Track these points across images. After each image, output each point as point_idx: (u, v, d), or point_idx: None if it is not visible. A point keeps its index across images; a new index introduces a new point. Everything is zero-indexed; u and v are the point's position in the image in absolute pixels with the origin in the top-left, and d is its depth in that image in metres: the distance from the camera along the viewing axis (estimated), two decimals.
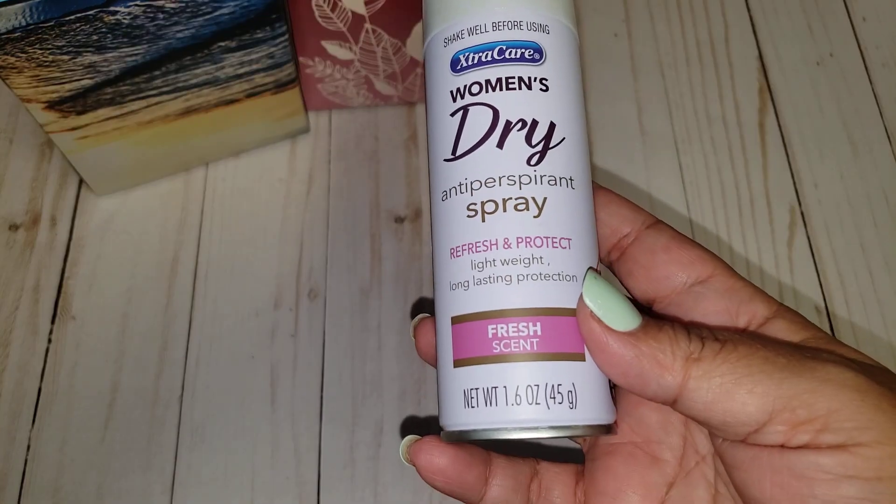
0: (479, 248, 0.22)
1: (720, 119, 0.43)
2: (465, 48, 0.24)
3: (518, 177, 0.23)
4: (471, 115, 0.23)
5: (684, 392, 0.20)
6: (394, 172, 0.41)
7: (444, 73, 0.24)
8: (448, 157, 0.23)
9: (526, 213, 0.22)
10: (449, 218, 0.23)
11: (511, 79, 0.23)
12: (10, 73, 0.31)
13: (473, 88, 0.23)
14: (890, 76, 0.44)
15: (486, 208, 0.22)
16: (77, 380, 0.36)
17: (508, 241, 0.22)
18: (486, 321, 0.22)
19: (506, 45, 0.23)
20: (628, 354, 0.21)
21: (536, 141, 0.23)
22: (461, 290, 0.22)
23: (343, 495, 0.35)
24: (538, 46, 0.24)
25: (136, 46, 0.32)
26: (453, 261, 0.23)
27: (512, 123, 0.23)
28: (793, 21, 0.46)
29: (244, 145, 0.41)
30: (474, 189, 0.23)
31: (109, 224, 0.40)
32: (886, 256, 0.40)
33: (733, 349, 0.20)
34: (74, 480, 0.35)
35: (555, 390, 0.21)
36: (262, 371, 0.37)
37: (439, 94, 0.24)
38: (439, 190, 0.24)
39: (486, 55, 0.23)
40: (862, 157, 0.42)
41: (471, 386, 0.22)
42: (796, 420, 0.19)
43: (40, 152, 0.42)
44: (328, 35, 0.37)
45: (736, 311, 0.23)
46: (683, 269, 0.24)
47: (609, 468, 0.24)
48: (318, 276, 0.39)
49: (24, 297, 0.38)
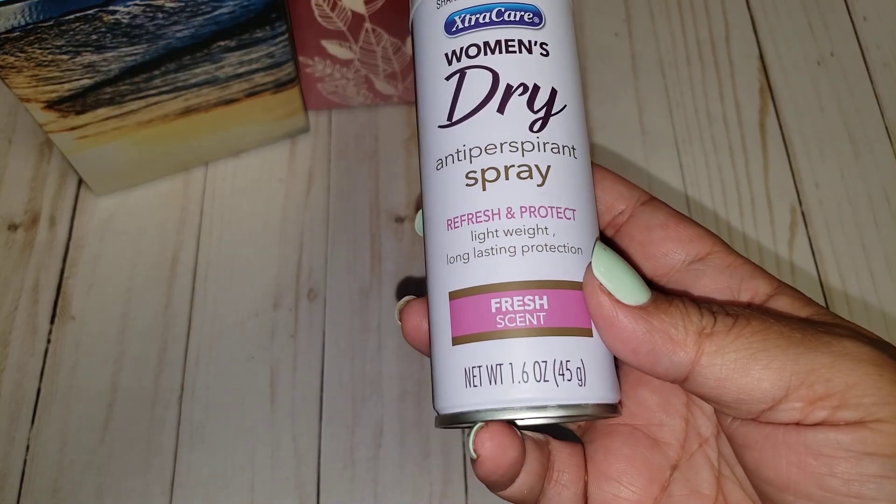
0: (479, 218, 0.21)
1: (721, 118, 0.43)
2: (460, 9, 0.22)
3: (521, 143, 0.21)
4: (468, 78, 0.22)
5: (696, 369, 0.19)
6: (394, 172, 0.41)
7: (438, 36, 0.23)
8: (443, 122, 0.22)
9: (529, 181, 0.21)
10: (445, 187, 0.22)
11: (511, 41, 0.22)
12: (10, 73, 0.31)
13: (471, 51, 0.22)
14: (891, 76, 0.44)
15: (486, 176, 0.21)
16: (76, 380, 0.36)
17: (511, 210, 0.21)
18: (488, 295, 0.21)
19: (504, 7, 0.22)
20: (639, 330, 0.20)
21: (538, 107, 0.22)
22: (460, 264, 0.21)
23: (343, 496, 0.35)
24: (537, 10, 0.23)
25: (136, 46, 0.32)
26: (451, 232, 0.21)
27: (513, 88, 0.22)
28: (793, 20, 0.46)
29: (244, 145, 0.41)
30: (473, 156, 0.22)
31: (109, 224, 0.40)
32: (887, 256, 0.40)
33: (746, 324, 0.19)
34: (74, 481, 0.35)
35: (563, 367, 0.20)
36: (262, 371, 0.37)
37: (432, 57, 0.23)
38: (433, 158, 0.22)
39: (483, 17, 0.22)
40: (863, 157, 0.42)
41: (472, 364, 0.20)
42: (813, 396, 0.18)
43: (39, 152, 0.42)
44: (328, 34, 0.37)
45: (738, 287, 0.23)
46: (682, 246, 0.23)
47: (610, 449, 0.23)
48: (317, 276, 0.39)
49: (24, 297, 0.38)
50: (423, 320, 0.24)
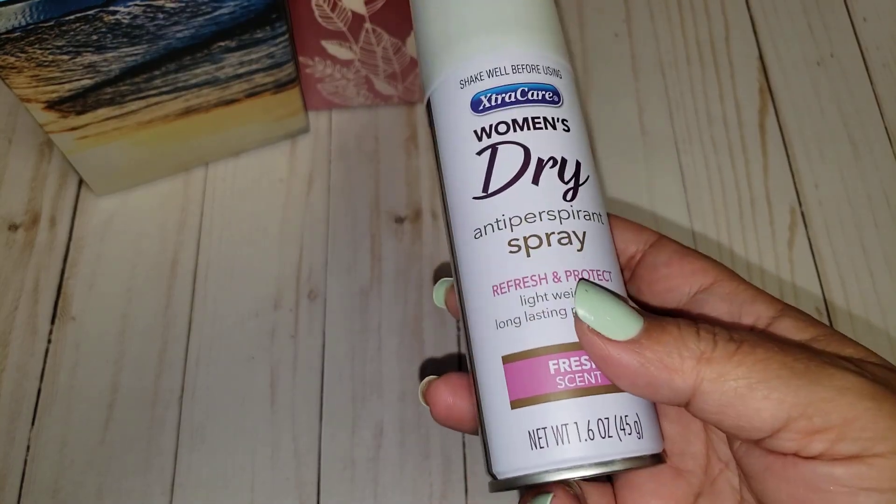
0: (527, 283, 0.22)
1: (720, 119, 0.43)
2: (486, 89, 0.24)
3: (557, 212, 0.23)
4: (501, 152, 0.23)
5: (697, 394, 0.20)
6: (394, 172, 0.41)
7: (464, 113, 0.24)
8: (478, 194, 0.23)
9: (570, 246, 0.22)
10: (488, 255, 0.23)
11: (537, 118, 0.23)
12: (10, 73, 0.31)
13: (500, 127, 0.23)
14: (890, 76, 0.44)
15: (529, 243, 0.22)
16: (77, 380, 0.36)
17: (557, 274, 0.22)
18: (545, 357, 0.21)
19: (527, 87, 0.24)
20: (633, 363, 0.20)
21: (568, 178, 0.23)
22: (512, 328, 0.22)
23: (343, 496, 0.35)
24: (556, 89, 0.24)
25: (136, 46, 0.32)
26: (498, 298, 0.22)
27: (544, 161, 0.23)
28: (793, 21, 0.46)
29: (244, 145, 0.41)
30: (514, 225, 0.23)
31: (109, 224, 0.40)
32: (887, 257, 0.40)
33: (750, 351, 0.19)
34: (74, 481, 0.35)
35: (623, 422, 0.21)
36: (262, 372, 0.37)
37: (460, 134, 0.24)
38: (470, 228, 0.23)
39: (509, 96, 0.24)
40: (863, 158, 0.42)
41: (536, 426, 0.21)
42: (812, 428, 0.19)
43: (40, 152, 0.42)
44: (328, 35, 0.37)
45: (739, 313, 0.23)
46: (686, 280, 0.24)
47: (635, 486, 0.24)
48: (317, 276, 0.39)
49: (24, 297, 0.38)
50: (451, 397, 0.24)
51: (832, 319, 0.38)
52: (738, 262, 0.39)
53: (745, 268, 0.39)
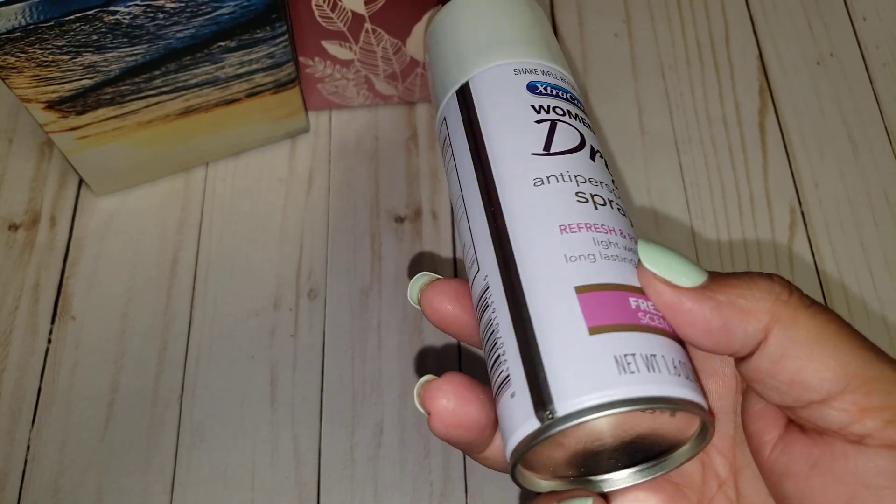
0: (599, 229, 0.22)
1: (720, 119, 0.43)
2: (541, 81, 0.26)
3: (612, 189, 0.24)
4: (560, 127, 0.24)
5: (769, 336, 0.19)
6: (394, 172, 0.41)
7: (521, 92, 0.25)
8: (539, 151, 0.24)
9: (625, 218, 0.23)
10: (553, 198, 0.23)
11: (584, 119, 0.26)
12: (10, 73, 0.31)
13: (558, 110, 0.25)
14: (890, 76, 0.44)
15: (596, 200, 0.23)
16: (77, 380, 0.36)
17: (624, 232, 0.23)
18: (625, 293, 0.21)
19: (573, 95, 0.26)
20: (706, 308, 0.19)
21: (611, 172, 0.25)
22: (586, 262, 0.21)
23: (343, 495, 0.35)
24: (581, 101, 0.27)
25: (136, 46, 0.32)
26: (567, 235, 0.22)
27: (595, 150, 0.25)
28: (793, 20, 0.46)
29: (244, 145, 0.41)
30: (579, 182, 0.23)
31: (109, 224, 0.40)
32: (887, 256, 0.40)
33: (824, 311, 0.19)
34: (74, 480, 0.35)
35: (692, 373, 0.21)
36: (262, 371, 0.37)
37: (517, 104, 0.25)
38: (528, 177, 0.23)
39: (562, 93, 0.26)
40: (862, 157, 0.42)
41: (626, 351, 0.20)
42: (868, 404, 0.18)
43: (40, 152, 0.42)
44: (328, 35, 0.37)
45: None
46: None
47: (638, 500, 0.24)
48: (317, 276, 0.39)
49: (24, 296, 0.38)
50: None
51: None
52: (738, 261, 0.39)
53: (745, 267, 0.39)
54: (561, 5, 0.46)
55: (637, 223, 0.40)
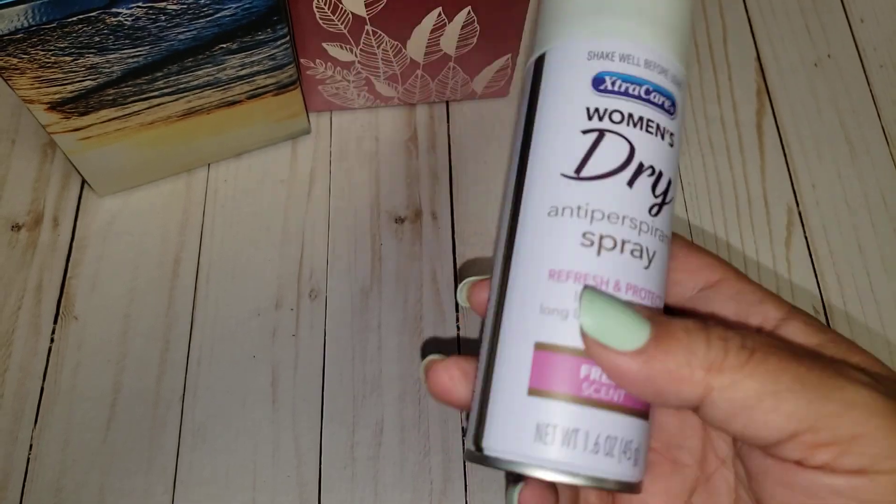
0: (588, 280, 0.21)
1: (718, 120, 0.43)
2: (613, 71, 0.23)
3: (639, 223, 0.22)
4: (607, 140, 0.22)
5: (705, 403, 0.19)
6: (394, 173, 0.41)
7: (583, 86, 0.23)
8: (569, 173, 0.22)
9: (639, 261, 0.22)
10: (557, 237, 0.22)
11: (651, 122, 0.22)
12: (13, 75, 0.31)
13: (615, 116, 0.22)
14: (887, 77, 0.45)
15: (604, 243, 0.21)
16: (79, 380, 0.37)
17: (619, 284, 0.21)
18: (580, 359, 0.21)
19: (653, 88, 0.23)
20: (641, 374, 0.20)
21: (659, 192, 0.22)
22: (557, 317, 0.21)
23: (344, 494, 0.35)
24: (675, 100, 0.23)
25: (139, 48, 0.32)
26: (552, 283, 0.21)
27: (644, 167, 0.22)
28: (791, 22, 0.46)
29: (246, 146, 0.41)
30: (595, 219, 0.21)
31: (111, 225, 0.40)
32: (884, 257, 0.40)
33: (763, 360, 0.19)
34: (76, 480, 0.35)
35: (628, 446, 0.21)
36: (264, 371, 0.37)
37: (570, 104, 0.23)
38: (546, 203, 0.22)
39: (634, 88, 0.22)
40: (860, 158, 0.42)
41: (548, 421, 0.21)
42: (818, 441, 0.18)
43: (43, 153, 0.42)
44: (329, 37, 0.37)
45: (746, 313, 0.23)
46: (691, 275, 0.24)
47: None
48: (318, 276, 0.39)
49: (27, 297, 0.38)
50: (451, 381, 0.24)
51: (829, 319, 0.39)
52: (735, 261, 0.40)
53: (743, 267, 0.40)
54: None
55: None
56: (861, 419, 0.18)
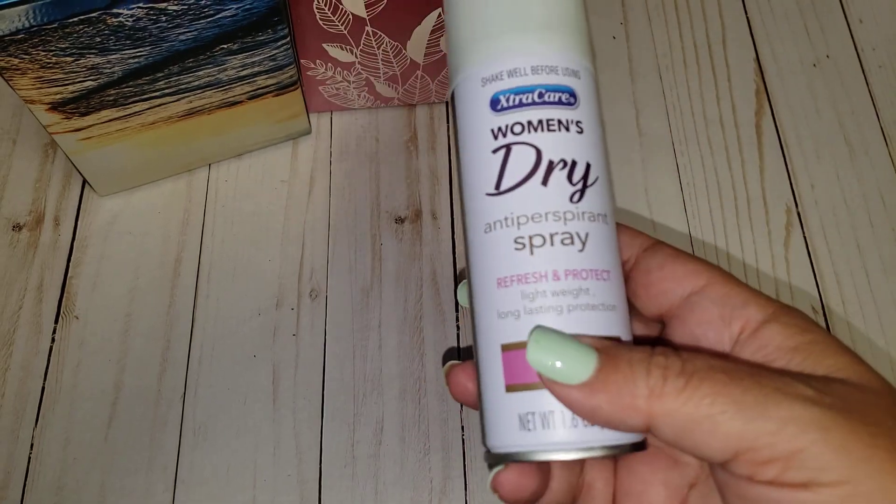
0: (528, 279, 0.23)
1: (717, 120, 0.43)
2: (504, 89, 0.24)
3: (563, 213, 0.24)
4: (514, 153, 0.24)
5: (651, 427, 0.21)
6: (394, 173, 0.41)
7: (483, 112, 0.25)
8: (491, 191, 0.24)
9: (572, 247, 0.23)
10: (495, 250, 0.24)
11: (551, 121, 0.24)
12: (14, 75, 0.32)
13: (516, 128, 0.24)
14: (886, 78, 0.45)
15: (534, 242, 0.23)
16: (80, 379, 0.37)
17: (557, 273, 0.23)
18: None
19: (544, 89, 0.24)
20: (587, 406, 0.21)
21: (576, 180, 0.24)
22: (511, 319, 0.23)
23: (344, 493, 0.35)
24: (573, 91, 0.25)
25: (139, 49, 0.32)
26: (501, 290, 0.24)
27: (554, 163, 0.24)
28: (789, 23, 0.46)
29: (246, 147, 0.41)
30: (521, 223, 0.24)
31: (112, 224, 0.40)
32: (882, 257, 0.40)
33: (697, 386, 0.20)
34: (77, 479, 0.35)
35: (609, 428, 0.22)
36: (264, 370, 0.37)
37: (478, 131, 0.25)
38: (481, 222, 0.24)
39: (526, 97, 0.24)
40: (858, 159, 0.43)
41: (526, 410, 0.23)
42: (759, 459, 0.19)
43: (44, 153, 0.42)
44: (329, 37, 0.37)
45: (730, 316, 0.23)
46: (678, 282, 0.25)
47: (633, 469, 0.25)
48: (319, 276, 0.39)
49: (28, 296, 0.38)
50: (469, 381, 0.26)
51: (828, 319, 0.39)
52: (734, 261, 0.40)
53: (742, 267, 0.40)
54: None
55: (634, 224, 0.41)
56: (797, 434, 0.19)
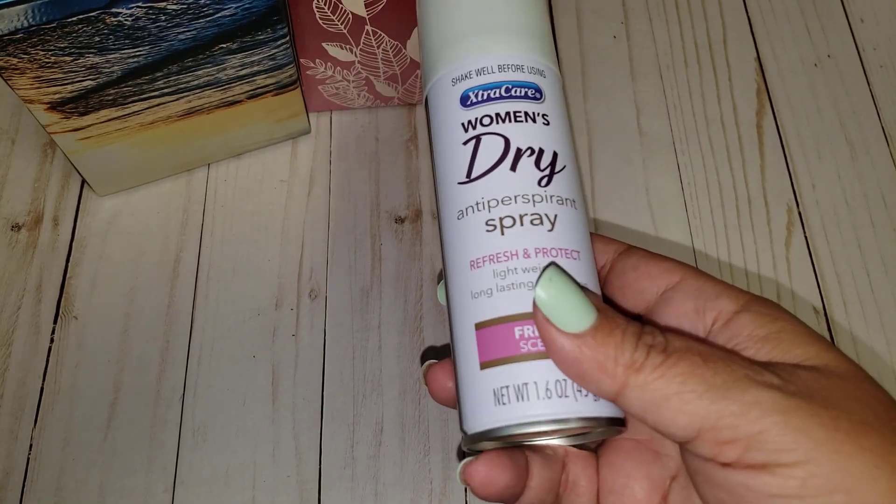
0: (500, 258, 0.24)
1: (718, 120, 0.43)
2: (473, 86, 0.26)
3: (531, 195, 0.25)
4: (483, 142, 0.25)
5: (620, 397, 0.21)
6: (394, 173, 0.41)
7: (454, 108, 0.26)
8: (462, 179, 0.25)
9: (541, 227, 0.24)
10: (468, 233, 0.25)
11: (518, 113, 0.26)
12: (13, 75, 0.31)
13: (485, 120, 0.26)
14: (887, 77, 0.45)
15: (504, 223, 0.24)
16: (79, 379, 0.37)
17: (528, 251, 0.24)
18: (512, 323, 0.23)
19: (511, 85, 0.26)
20: (571, 354, 0.22)
21: (544, 166, 0.25)
22: (484, 298, 0.24)
23: (344, 493, 0.35)
24: (538, 87, 0.26)
25: (138, 48, 0.32)
26: (474, 272, 0.24)
27: (522, 150, 0.25)
28: (791, 22, 0.46)
29: (246, 146, 0.41)
30: (492, 206, 0.25)
31: (111, 224, 0.40)
32: (883, 257, 0.40)
33: (673, 364, 0.21)
34: (77, 479, 0.35)
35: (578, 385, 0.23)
36: (264, 370, 0.37)
37: (449, 125, 0.26)
38: (454, 209, 0.25)
39: (494, 92, 0.26)
40: (859, 158, 0.42)
41: (501, 384, 0.23)
42: (721, 439, 0.20)
43: (43, 153, 0.42)
44: (329, 37, 0.37)
45: (703, 308, 0.24)
46: (653, 281, 0.25)
47: (614, 464, 0.25)
48: (318, 276, 0.39)
49: (27, 296, 0.38)
50: (448, 380, 0.26)
51: (829, 319, 0.39)
52: (735, 262, 0.40)
53: (743, 267, 0.40)
54: (559, 7, 0.47)
55: (635, 224, 0.40)
56: (759, 417, 0.20)
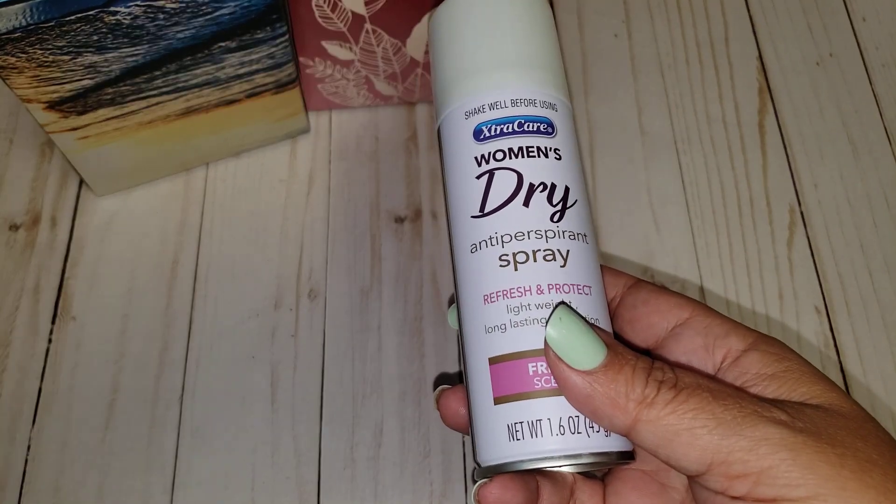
0: (513, 293, 0.24)
1: (720, 119, 0.43)
2: (487, 120, 0.26)
3: (544, 231, 0.25)
4: (497, 177, 0.26)
5: (633, 432, 0.22)
6: (394, 173, 0.41)
7: (467, 142, 0.27)
8: (476, 213, 0.26)
9: (554, 262, 0.25)
10: (481, 268, 0.25)
11: (531, 148, 0.26)
12: (11, 74, 0.31)
13: (498, 155, 0.26)
14: (890, 76, 0.44)
15: (517, 258, 0.25)
16: (77, 380, 0.37)
17: (541, 287, 0.24)
18: (525, 360, 0.24)
19: (524, 119, 0.26)
20: (584, 391, 0.22)
21: (556, 201, 0.26)
22: (498, 333, 0.24)
23: (343, 495, 0.35)
24: (550, 121, 0.27)
25: (137, 47, 0.32)
26: (488, 306, 0.25)
27: (535, 186, 0.26)
28: (793, 21, 0.46)
29: (245, 145, 0.41)
30: (505, 242, 0.25)
31: (110, 224, 0.40)
32: (886, 257, 0.40)
33: (684, 400, 0.21)
34: (75, 481, 0.35)
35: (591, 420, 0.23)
36: (263, 371, 0.37)
37: (462, 158, 0.27)
38: (467, 243, 0.26)
39: (507, 127, 0.26)
40: (862, 158, 0.42)
41: (514, 420, 0.23)
42: (732, 474, 0.21)
43: (41, 152, 0.42)
44: (328, 35, 0.37)
45: (713, 346, 0.24)
46: (663, 316, 0.26)
47: (620, 493, 0.26)
48: (318, 276, 0.39)
49: (25, 297, 0.38)
50: (460, 407, 0.27)
51: (831, 319, 0.38)
52: (737, 262, 0.40)
53: (745, 267, 0.39)
54: (561, 6, 0.46)
55: (636, 223, 0.40)
56: (769, 453, 0.20)
